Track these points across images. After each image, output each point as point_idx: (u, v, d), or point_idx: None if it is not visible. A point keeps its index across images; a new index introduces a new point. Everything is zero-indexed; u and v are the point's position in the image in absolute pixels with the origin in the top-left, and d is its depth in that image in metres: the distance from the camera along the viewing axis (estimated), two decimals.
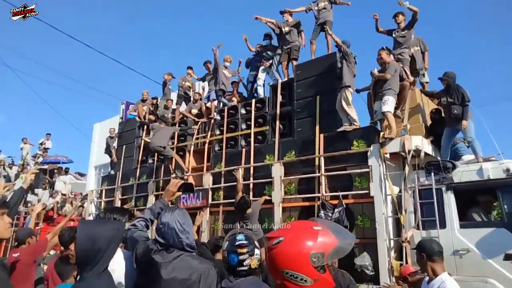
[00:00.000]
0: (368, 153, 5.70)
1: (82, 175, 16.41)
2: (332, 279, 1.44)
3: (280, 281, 1.43)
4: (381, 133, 5.87)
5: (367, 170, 5.63)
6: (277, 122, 7.25)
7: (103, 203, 10.09)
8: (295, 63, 7.93)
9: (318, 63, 7.15)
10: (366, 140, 5.85)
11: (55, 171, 13.57)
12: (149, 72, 67.56)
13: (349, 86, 6.25)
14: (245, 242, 2.00)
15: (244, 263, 1.97)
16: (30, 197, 12.88)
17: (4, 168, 14.99)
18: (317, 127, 6.54)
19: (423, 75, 7.12)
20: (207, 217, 7.45)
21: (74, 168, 14.81)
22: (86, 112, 59.96)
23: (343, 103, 6.21)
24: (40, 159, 14.69)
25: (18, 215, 12.90)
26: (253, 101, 7.95)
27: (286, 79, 7.91)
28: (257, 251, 2.02)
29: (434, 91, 6.62)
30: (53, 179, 13.12)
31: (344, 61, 6.38)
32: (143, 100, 10.93)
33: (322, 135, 6.38)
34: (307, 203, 6.23)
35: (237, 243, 2.01)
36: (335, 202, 5.71)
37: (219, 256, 3.82)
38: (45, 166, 13.84)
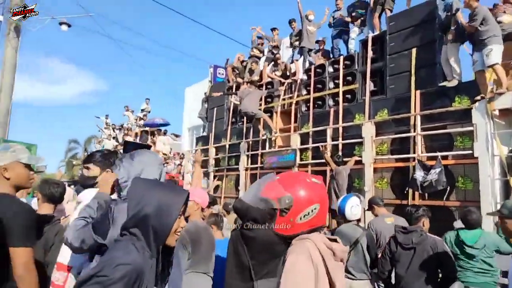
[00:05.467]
0: (473, 110, 5.21)
1: (177, 136, 17.82)
2: None
3: None
4: (489, 88, 5.27)
5: (470, 128, 5.18)
6: (368, 79, 6.92)
7: None
8: (388, 13, 7.34)
9: (414, 12, 6.52)
10: (469, 95, 5.33)
11: (155, 132, 14.93)
12: (238, 37, 68.29)
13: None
14: None
15: None
16: None
17: (113, 130, 16.96)
18: (413, 83, 6.12)
19: None
20: None
21: (169, 129, 16.10)
22: (178, 77, 63.68)
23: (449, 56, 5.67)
24: (142, 122, 16.24)
25: None
26: (341, 58, 7.65)
27: (377, 32, 7.41)
28: None
29: None
30: (154, 139, 14.48)
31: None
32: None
33: (418, 92, 5.97)
34: (401, 164, 6.01)
35: None
36: (432, 162, 5.41)
37: None
38: (147, 128, 15.28)
